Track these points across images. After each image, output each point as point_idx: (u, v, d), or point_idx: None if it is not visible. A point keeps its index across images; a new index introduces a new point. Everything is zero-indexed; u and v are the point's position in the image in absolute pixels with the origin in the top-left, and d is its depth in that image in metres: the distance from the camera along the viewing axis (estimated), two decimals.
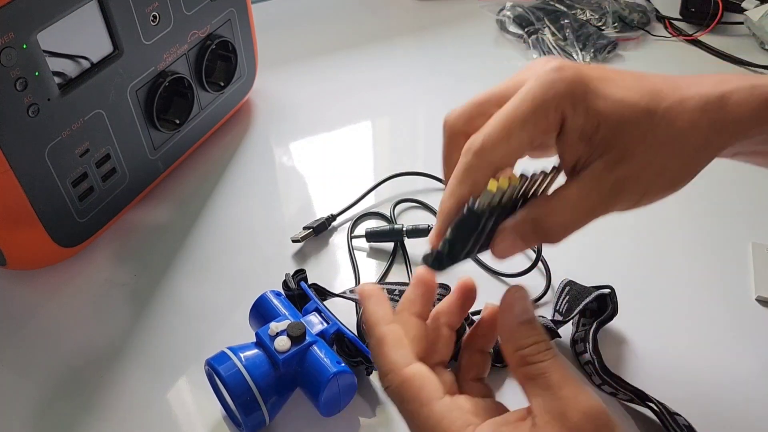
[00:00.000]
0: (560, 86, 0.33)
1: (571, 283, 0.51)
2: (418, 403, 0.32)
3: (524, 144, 0.34)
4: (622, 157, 0.34)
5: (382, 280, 0.55)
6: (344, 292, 0.49)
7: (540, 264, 0.55)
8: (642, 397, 0.44)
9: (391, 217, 0.59)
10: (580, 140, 0.34)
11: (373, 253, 0.57)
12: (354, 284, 0.54)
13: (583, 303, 0.48)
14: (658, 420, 0.44)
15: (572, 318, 0.49)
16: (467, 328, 0.47)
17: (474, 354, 0.38)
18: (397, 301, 0.47)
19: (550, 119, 0.33)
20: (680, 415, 0.43)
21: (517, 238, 0.35)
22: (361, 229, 0.59)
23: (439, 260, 0.34)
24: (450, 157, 0.37)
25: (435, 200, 0.61)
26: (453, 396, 0.33)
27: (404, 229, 0.56)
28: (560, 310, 0.50)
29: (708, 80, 0.36)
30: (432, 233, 0.35)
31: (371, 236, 0.57)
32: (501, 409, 0.34)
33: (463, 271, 0.37)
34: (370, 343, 0.35)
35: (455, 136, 0.36)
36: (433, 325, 0.37)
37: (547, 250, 0.55)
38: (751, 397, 0.46)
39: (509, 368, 0.34)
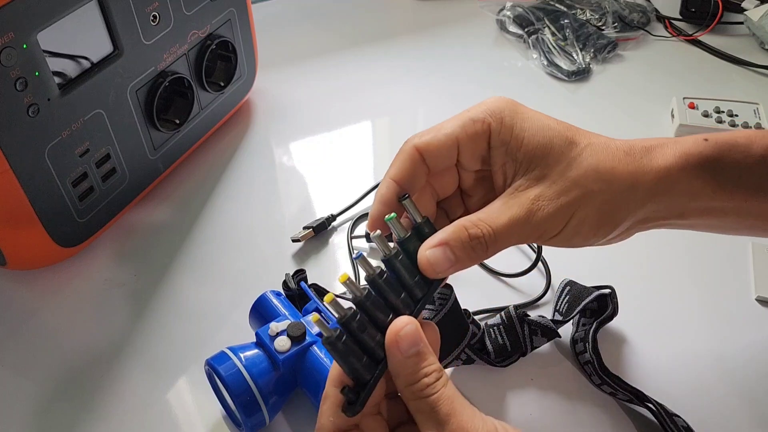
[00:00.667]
0: (492, 103, 0.37)
1: (571, 283, 0.51)
2: None
3: (450, 141, 0.37)
4: (544, 175, 0.36)
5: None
6: (344, 293, 0.49)
7: (540, 264, 0.55)
8: (641, 398, 0.44)
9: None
10: (506, 156, 0.37)
11: (373, 254, 0.57)
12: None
13: (583, 303, 0.48)
14: (656, 421, 0.44)
15: (572, 318, 0.49)
16: (470, 327, 0.47)
17: (390, 401, 0.37)
18: None
19: (477, 125, 0.37)
20: (679, 416, 0.43)
21: (447, 249, 0.35)
22: (361, 229, 0.59)
23: (352, 403, 0.34)
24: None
25: None
26: None
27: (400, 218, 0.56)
28: (560, 310, 0.50)
29: (635, 139, 0.38)
30: (369, 217, 0.38)
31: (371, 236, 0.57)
32: None
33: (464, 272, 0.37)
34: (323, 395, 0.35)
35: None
36: None
37: (547, 251, 0.55)
38: (751, 397, 0.46)
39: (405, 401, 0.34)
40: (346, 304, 0.35)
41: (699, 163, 0.38)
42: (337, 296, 0.48)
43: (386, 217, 0.35)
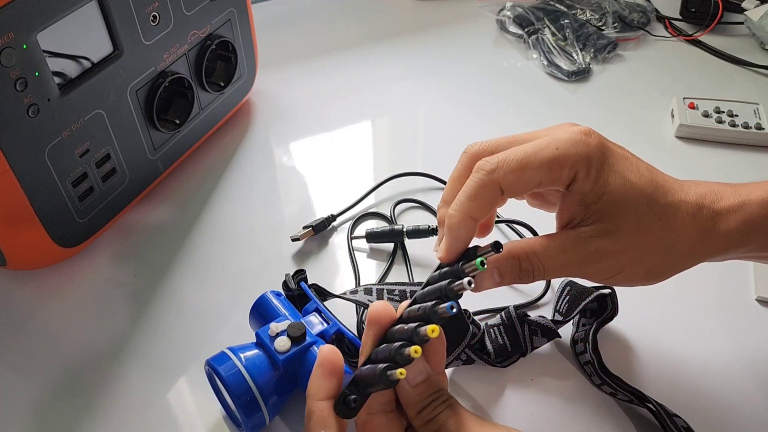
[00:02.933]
0: (583, 149, 0.36)
1: (571, 284, 0.51)
2: None
3: (533, 182, 0.36)
4: (610, 231, 0.37)
5: (382, 281, 0.55)
6: (344, 293, 0.49)
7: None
8: (641, 398, 0.44)
9: (391, 217, 0.59)
10: (581, 203, 0.37)
11: (373, 254, 0.57)
12: (354, 285, 0.54)
13: (583, 303, 0.48)
14: (656, 421, 0.44)
15: (572, 318, 0.49)
16: (470, 327, 0.47)
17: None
18: (398, 301, 0.47)
19: (564, 173, 0.36)
20: (679, 417, 0.43)
21: (495, 273, 0.37)
22: (361, 229, 0.59)
23: (348, 406, 0.35)
24: (461, 174, 0.38)
25: (435, 200, 0.61)
26: None
27: (404, 229, 0.56)
28: (560, 310, 0.50)
29: (700, 189, 0.38)
30: (442, 248, 0.37)
31: (371, 237, 0.57)
32: None
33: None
34: (306, 411, 0.35)
35: (473, 158, 0.38)
36: None
37: None
38: (751, 397, 0.46)
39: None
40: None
41: (758, 234, 0.39)
42: (338, 296, 0.49)
43: (477, 262, 0.34)
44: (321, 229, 0.58)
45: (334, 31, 0.86)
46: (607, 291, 0.49)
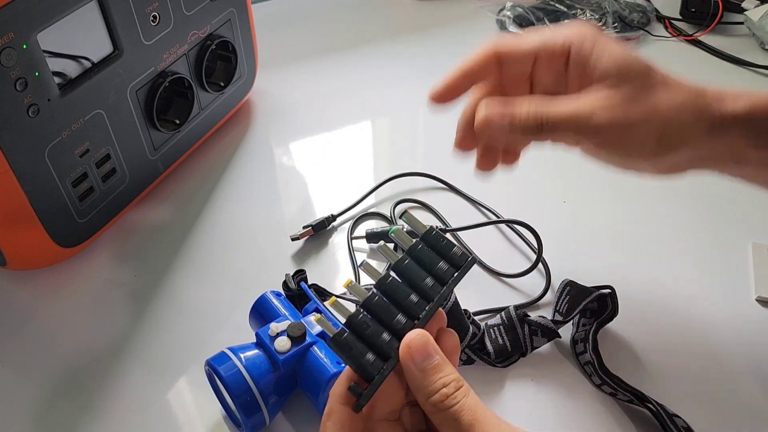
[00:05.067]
0: (576, 28, 0.39)
1: (571, 284, 0.51)
2: None
3: (528, 46, 0.40)
4: (616, 85, 0.38)
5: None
6: (344, 294, 0.49)
7: (540, 264, 0.55)
8: (641, 398, 0.44)
9: (391, 217, 0.59)
10: (584, 73, 0.39)
11: (373, 254, 0.57)
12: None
13: (583, 303, 0.48)
14: (656, 421, 0.44)
15: (572, 318, 0.49)
16: (470, 327, 0.47)
17: (411, 409, 0.37)
18: None
19: (557, 43, 0.39)
20: (679, 417, 0.43)
21: (507, 117, 0.39)
22: (361, 229, 0.59)
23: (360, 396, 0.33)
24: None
25: (435, 200, 0.61)
26: None
27: (404, 230, 0.56)
28: (560, 310, 0.50)
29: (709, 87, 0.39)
30: (456, 139, 0.42)
31: (371, 237, 0.57)
32: None
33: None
34: (324, 413, 0.35)
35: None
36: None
37: (548, 251, 0.55)
38: (751, 397, 0.46)
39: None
40: (350, 306, 0.35)
41: (764, 116, 0.38)
42: (338, 296, 0.49)
43: (390, 230, 0.36)
44: (321, 229, 0.58)
45: (334, 31, 0.86)
46: (607, 291, 0.49)
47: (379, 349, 0.33)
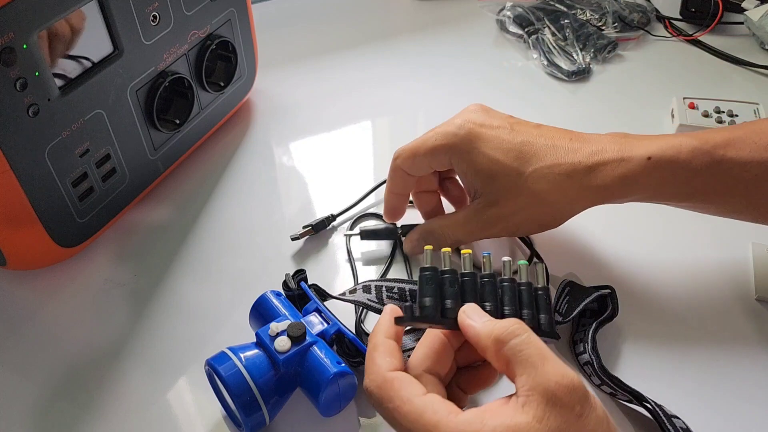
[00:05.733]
0: (452, 140, 0.47)
1: (571, 284, 0.51)
2: (399, 401, 0.34)
3: (424, 166, 0.50)
4: (494, 201, 0.47)
5: (382, 277, 0.55)
6: (343, 294, 0.49)
7: (535, 260, 0.54)
8: (640, 399, 0.44)
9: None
10: (464, 180, 0.50)
11: (373, 253, 0.57)
12: (353, 285, 0.54)
13: (583, 303, 0.48)
14: (655, 422, 0.44)
15: (572, 318, 0.49)
16: None
17: (464, 371, 0.41)
18: (397, 299, 0.47)
19: (441, 159, 0.48)
20: (678, 418, 0.43)
21: (418, 239, 0.52)
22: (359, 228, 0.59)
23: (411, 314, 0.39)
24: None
25: None
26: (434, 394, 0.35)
27: (399, 230, 0.56)
28: (560, 310, 0.50)
29: (586, 149, 0.46)
30: (385, 211, 0.55)
31: (366, 235, 0.57)
32: None
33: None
34: (367, 348, 0.39)
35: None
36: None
37: (549, 250, 0.54)
38: (751, 398, 0.46)
39: (490, 361, 0.36)
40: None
41: (639, 187, 0.46)
42: (338, 297, 0.49)
43: (519, 262, 0.43)
44: (321, 229, 0.58)
45: (334, 31, 0.86)
46: (607, 291, 0.49)
47: (444, 303, 0.40)
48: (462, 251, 0.41)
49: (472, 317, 0.37)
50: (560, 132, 0.48)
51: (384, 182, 0.62)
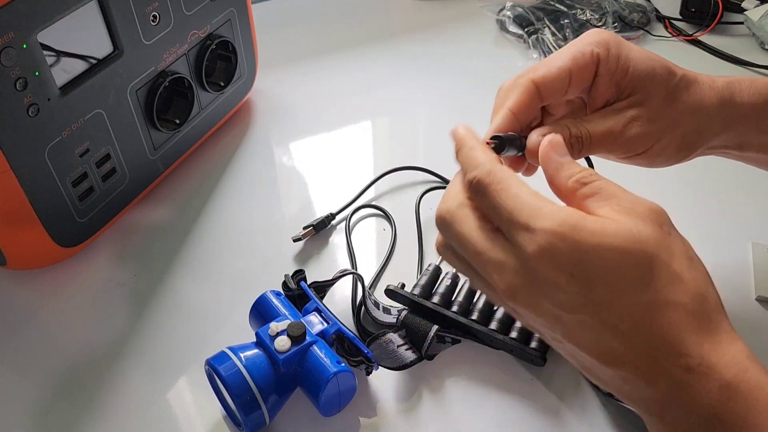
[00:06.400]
0: (596, 37, 0.40)
1: None
2: (507, 191, 0.32)
3: (563, 73, 0.39)
4: (643, 100, 0.40)
5: (381, 270, 0.55)
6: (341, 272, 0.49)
7: None
8: None
9: (387, 213, 0.60)
10: (610, 82, 0.40)
11: (372, 250, 0.57)
12: (353, 284, 0.54)
13: None
14: None
15: None
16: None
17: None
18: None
19: (586, 57, 0.40)
20: None
21: (549, 143, 0.38)
22: (358, 223, 0.59)
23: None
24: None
25: (434, 197, 0.61)
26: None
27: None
28: None
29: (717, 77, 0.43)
30: (489, 132, 0.40)
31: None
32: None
33: None
34: (455, 148, 0.36)
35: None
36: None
37: None
38: None
39: (563, 200, 0.34)
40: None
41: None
42: (334, 279, 0.48)
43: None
44: (321, 228, 0.58)
45: (334, 31, 0.86)
46: None
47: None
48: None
49: (557, 149, 0.35)
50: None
51: (381, 176, 0.62)
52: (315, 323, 0.46)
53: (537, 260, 0.30)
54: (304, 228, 0.57)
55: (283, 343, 0.42)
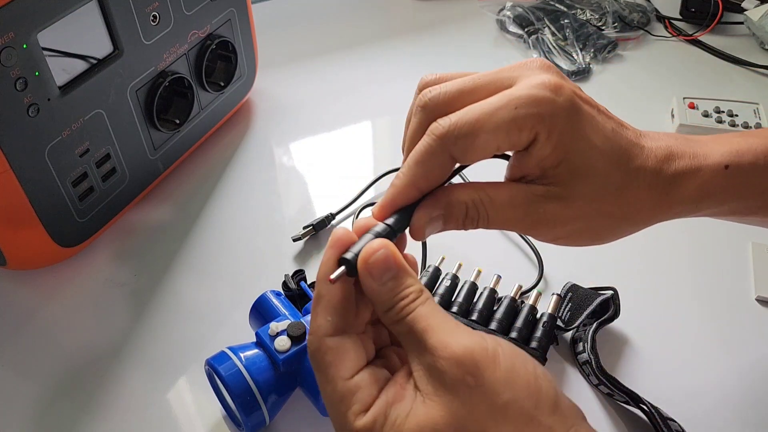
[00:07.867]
0: (547, 109, 0.31)
1: (573, 288, 0.50)
2: (325, 378, 0.31)
3: (489, 148, 0.32)
4: (564, 197, 0.34)
5: None
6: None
7: (533, 254, 0.55)
8: (636, 400, 0.44)
9: None
10: (537, 166, 0.33)
11: None
12: None
13: (587, 311, 0.48)
14: (651, 423, 0.43)
15: (574, 327, 0.49)
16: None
17: (374, 327, 0.35)
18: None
19: (523, 136, 0.32)
20: (674, 421, 0.43)
21: (441, 219, 0.34)
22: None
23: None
24: (417, 133, 0.35)
25: None
26: (360, 372, 0.31)
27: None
28: (563, 317, 0.50)
29: (657, 150, 0.36)
30: (376, 207, 0.34)
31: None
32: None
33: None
34: (314, 295, 0.33)
35: (431, 114, 0.34)
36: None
37: (549, 250, 0.54)
38: (750, 399, 0.46)
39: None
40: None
41: (719, 198, 0.37)
42: None
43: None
44: (321, 228, 0.58)
45: (334, 31, 0.86)
46: (610, 293, 0.49)
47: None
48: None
49: (373, 275, 0.31)
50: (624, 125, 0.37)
51: (382, 176, 0.62)
52: None
53: None
54: (304, 228, 0.57)
55: (283, 343, 0.42)
